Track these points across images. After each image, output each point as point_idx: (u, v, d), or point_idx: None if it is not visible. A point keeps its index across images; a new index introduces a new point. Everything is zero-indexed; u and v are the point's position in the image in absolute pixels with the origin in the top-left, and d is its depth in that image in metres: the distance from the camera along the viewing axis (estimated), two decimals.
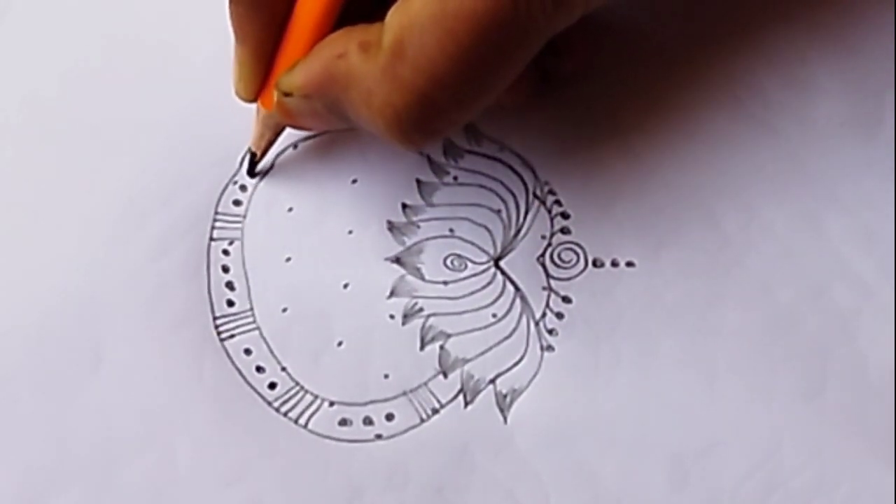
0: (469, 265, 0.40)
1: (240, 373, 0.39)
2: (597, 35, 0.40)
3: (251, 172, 0.40)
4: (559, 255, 0.40)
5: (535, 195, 0.40)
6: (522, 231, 0.40)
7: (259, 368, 0.39)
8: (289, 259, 0.40)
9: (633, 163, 0.40)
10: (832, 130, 0.40)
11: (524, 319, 0.39)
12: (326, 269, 0.39)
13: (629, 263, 0.40)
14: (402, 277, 0.39)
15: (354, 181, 0.40)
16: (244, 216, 0.40)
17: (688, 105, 0.41)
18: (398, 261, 0.40)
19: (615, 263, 0.40)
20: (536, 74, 0.39)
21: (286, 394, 0.39)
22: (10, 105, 0.41)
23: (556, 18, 0.34)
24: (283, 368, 0.39)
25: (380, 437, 0.38)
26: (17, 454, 0.38)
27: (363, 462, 0.38)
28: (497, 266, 0.40)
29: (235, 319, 0.39)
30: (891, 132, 0.40)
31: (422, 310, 0.39)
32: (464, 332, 0.39)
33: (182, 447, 0.38)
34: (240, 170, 0.40)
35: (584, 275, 0.40)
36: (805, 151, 0.40)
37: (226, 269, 0.40)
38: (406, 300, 0.39)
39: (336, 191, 0.40)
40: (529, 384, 0.39)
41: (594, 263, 0.40)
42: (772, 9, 0.41)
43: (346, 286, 0.39)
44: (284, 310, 0.39)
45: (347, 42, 0.35)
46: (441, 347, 0.39)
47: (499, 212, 0.40)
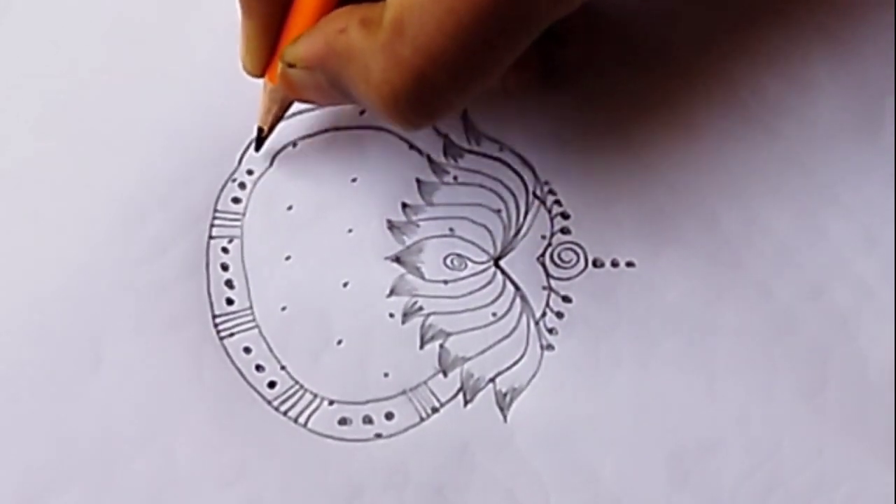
0: (469, 264, 0.40)
1: (239, 371, 0.39)
2: (597, 23, 0.40)
3: (258, 148, 0.40)
4: (559, 255, 0.40)
5: (535, 195, 0.40)
6: (522, 231, 0.40)
7: (258, 367, 0.39)
8: (288, 257, 0.40)
9: (633, 163, 0.40)
10: (833, 131, 0.40)
11: (524, 319, 0.39)
12: (326, 268, 0.39)
13: (629, 263, 0.40)
14: (402, 276, 0.39)
15: (354, 180, 0.40)
16: (243, 214, 0.40)
17: (688, 105, 0.41)
18: (398, 260, 0.40)
19: (615, 263, 0.40)
20: (538, 60, 0.39)
21: (286, 393, 0.38)
22: (10, 105, 0.41)
23: (558, 5, 0.35)
24: (283, 367, 0.39)
25: (379, 437, 0.38)
26: (17, 454, 0.37)
27: (363, 461, 0.38)
28: (497, 266, 0.40)
29: (235, 318, 0.39)
30: (891, 133, 0.40)
31: (421, 308, 0.39)
32: (464, 331, 0.39)
33: (181, 446, 0.38)
34: (239, 167, 0.40)
35: (584, 275, 0.40)
36: (805, 152, 0.40)
37: (225, 268, 0.39)
38: (406, 299, 0.39)
39: (336, 189, 0.40)
40: (529, 383, 0.39)
41: (594, 263, 0.40)
42: (772, 9, 0.41)
43: (346, 285, 0.39)
44: (284, 308, 0.39)
45: (349, 18, 0.35)
46: (441, 346, 0.39)
47: (499, 211, 0.40)
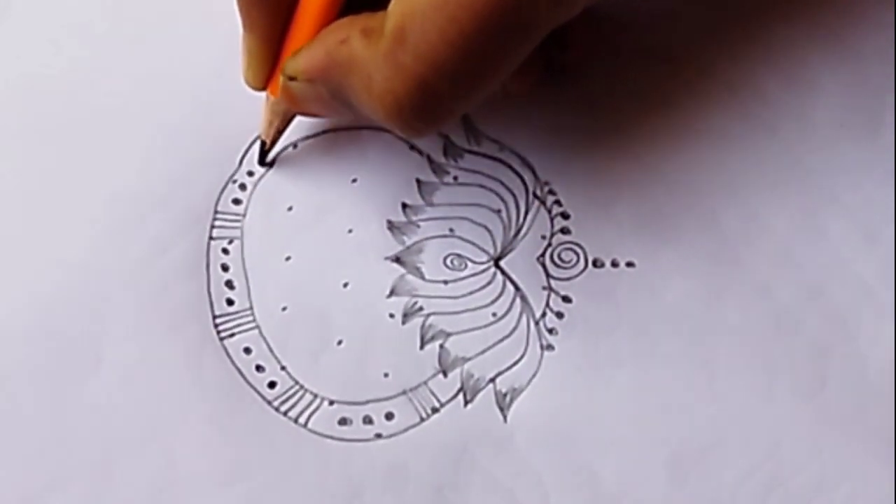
0: (469, 265, 0.40)
1: (239, 372, 0.39)
2: (599, 28, 0.40)
3: (262, 161, 0.40)
4: (559, 255, 0.40)
5: (535, 195, 0.40)
6: (522, 231, 0.40)
7: (259, 367, 0.39)
8: (288, 258, 0.40)
9: (633, 163, 0.40)
10: (832, 130, 0.40)
11: (524, 319, 0.39)
12: (326, 268, 0.39)
13: (629, 263, 0.40)
14: (402, 276, 0.39)
15: (354, 180, 0.40)
16: (244, 215, 0.40)
17: (688, 105, 0.41)
18: (398, 260, 0.40)
19: (615, 263, 0.40)
20: (540, 64, 0.39)
21: (286, 393, 0.38)
22: (10, 104, 0.41)
23: (559, 11, 0.35)
24: (283, 367, 0.39)
25: (379, 437, 0.38)
26: (17, 453, 0.38)
27: (363, 461, 0.38)
28: (497, 266, 0.40)
29: (235, 318, 0.39)
30: (891, 132, 0.40)
31: (422, 309, 0.39)
32: (464, 331, 0.39)
33: (181, 446, 0.38)
34: (239, 168, 0.40)
35: (584, 275, 0.40)
36: (805, 151, 0.40)
37: (225, 268, 0.39)
38: (406, 299, 0.39)
39: (336, 190, 0.40)
40: (529, 383, 0.39)
41: (594, 263, 0.40)
42: (773, 9, 0.41)
43: (346, 285, 0.39)
44: (284, 309, 0.39)
45: (350, 28, 0.35)
46: (441, 346, 0.39)
47: (499, 212, 0.40)
